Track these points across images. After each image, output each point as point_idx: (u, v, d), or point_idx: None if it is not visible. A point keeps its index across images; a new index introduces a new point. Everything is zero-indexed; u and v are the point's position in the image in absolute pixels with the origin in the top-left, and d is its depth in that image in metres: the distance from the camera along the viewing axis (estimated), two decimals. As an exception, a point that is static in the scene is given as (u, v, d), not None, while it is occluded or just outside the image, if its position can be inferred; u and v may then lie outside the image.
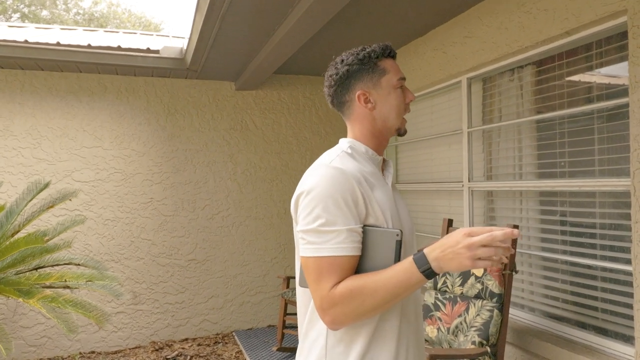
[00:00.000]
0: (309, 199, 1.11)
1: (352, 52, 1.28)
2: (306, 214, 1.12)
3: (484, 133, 3.37)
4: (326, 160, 1.18)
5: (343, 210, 1.09)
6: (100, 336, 4.37)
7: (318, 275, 1.09)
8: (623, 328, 2.40)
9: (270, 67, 4.04)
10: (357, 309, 1.06)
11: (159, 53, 4.15)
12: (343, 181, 1.11)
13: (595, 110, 2.54)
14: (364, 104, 1.25)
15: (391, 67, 1.27)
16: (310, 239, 1.11)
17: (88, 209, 4.37)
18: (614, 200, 2.46)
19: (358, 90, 1.25)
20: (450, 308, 2.70)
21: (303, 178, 1.18)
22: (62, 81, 4.32)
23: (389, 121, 1.27)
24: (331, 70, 1.29)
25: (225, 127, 4.82)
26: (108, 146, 4.45)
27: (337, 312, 1.06)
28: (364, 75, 1.25)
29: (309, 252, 1.11)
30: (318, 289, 1.08)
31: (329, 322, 1.08)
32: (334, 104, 1.31)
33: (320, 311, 1.09)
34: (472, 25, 3.26)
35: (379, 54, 1.26)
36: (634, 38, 2.18)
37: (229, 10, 2.93)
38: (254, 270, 4.90)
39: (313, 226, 1.10)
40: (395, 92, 1.26)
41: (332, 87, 1.29)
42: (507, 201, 3.19)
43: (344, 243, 1.08)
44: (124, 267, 4.46)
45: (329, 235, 1.08)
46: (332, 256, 1.08)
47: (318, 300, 1.08)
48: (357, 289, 1.06)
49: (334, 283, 1.07)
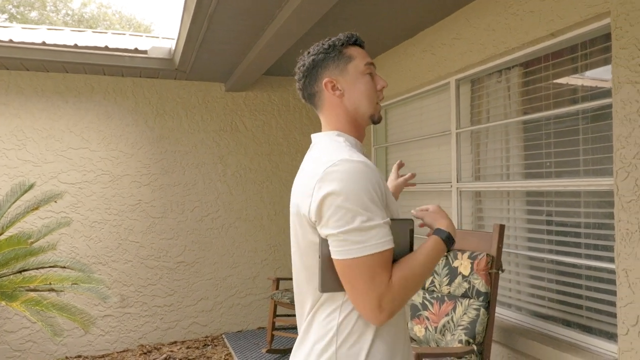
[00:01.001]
0: (342, 198, 1.06)
1: (318, 43, 1.28)
2: (342, 214, 1.06)
3: (472, 134, 3.39)
4: (343, 155, 1.12)
5: (377, 204, 1.08)
6: (87, 340, 4.32)
7: (371, 274, 1.06)
8: (607, 325, 2.42)
9: (260, 68, 4.03)
10: (411, 294, 1.11)
11: (147, 53, 4.13)
12: (371, 175, 1.10)
13: (580, 111, 2.57)
14: (332, 91, 1.24)
15: (358, 53, 1.27)
16: (353, 239, 1.06)
17: (74, 211, 4.33)
18: (598, 200, 2.49)
19: (325, 78, 1.25)
20: (437, 307, 2.70)
21: (322, 177, 1.09)
22: (48, 81, 4.28)
23: (361, 108, 1.26)
24: (299, 63, 1.29)
25: (214, 129, 4.81)
26: (95, 147, 4.41)
27: (397, 303, 1.07)
28: (329, 63, 1.24)
29: (354, 253, 1.06)
30: (373, 288, 1.06)
31: (386, 317, 1.07)
32: (305, 97, 1.31)
33: (376, 310, 1.06)
34: (460, 26, 3.28)
35: (343, 41, 1.26)
36: (617, 39, 2.21)
37: (216, 10, 2.93)
38: (243, 272, 4.88)
39: (354, 225, 1.05)
40: (363, 77, 1.25)
41: (301, 79, 1.28)
42: (495, 201, 3.21)
43: (387, 236, 1.08)
44: (112, 269, 4.42)
45: (373, 232, 1.06)
46: (381, 252, 1.06)
47: (375, 298, 1.06)
48: (410, 276, 1.09)
49: (389, 277, 1.07)
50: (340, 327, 1.12)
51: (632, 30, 2.14)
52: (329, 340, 1.13)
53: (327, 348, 1.12)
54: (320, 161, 1.14)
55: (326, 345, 1.13)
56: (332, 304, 1.14)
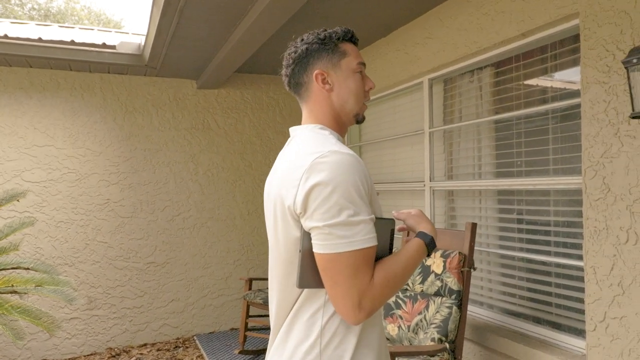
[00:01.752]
0: (330, 190, 1.02)
1: (312, 32, 1.24)
2: (329, 206, 1.02)
3: (445, 133, 3.41)
4: (332, 147, 1.09)
5: (364, 199, 1.06)
6: (53, 343, 4.18)
7: (354, 271, 1.02)
8: (575, 322, 2.47)
9: (232, 65, 3.97)
10: (391, 295, 1.08)
11: (116, 48, 4.02)
12: (359, 168, 1.07)
13: (550, 110, 2.61)
14: (322, 84, 1.21)
15: (352, 50, 1.24)
16: (339, 233, 1.02)
17: (39, 210, 4.18)
18: (567, 198, 2.53)
19: (316, 69, 1.21)
20: (410, 306, 2.71)
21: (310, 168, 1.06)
22: (11, 76, 4.11)
23: (348, 105, 1.23)
24: (290, 49, 1.25)
25: (186, 127, 4.71)
26: (61, 145, 4.27)
27: (376, 302, 1.05)
28: (323, 54, 1.21)
29: (339, 248, 1.02)
30: (355, 284, 1.03)
31: (364, 316, 1.04)
32: (290, 84, 1.26)
33: (355, 308, 1.03)
34: (432, 26, 3.30)
35: (340, 35, 1.23)
36: (586, 40, 2.25)
37: (187, 4, 2.86)
38: (216, 272, 4.80)
39: (340, 219, 1.02)
40: (354, 76, 1.23)
41: (290, 66, 1.24)
42: (467, 200, 3.24)
43: (371, 233, 1.05)
44: (79, 271, 4.29)
45: (359, 227, 1.03)
46: (366, 248, 1.04)
47: (355, 296, 1.03)
48: (392, 276, 1.07)
49: (371, 275, 1.05)
50: (325, 328, 1.10)
51: (600, 31, 2.18)
52: (313, 342, 1.10)
53: (311, 350, 1.10)
54: (306, 152, 1.10)
55: (310, 347, 1.10)
56: (315, 303, 1.11)
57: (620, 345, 2.12)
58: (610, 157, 2.15)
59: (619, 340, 2.12)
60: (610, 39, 2.14)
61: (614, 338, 2.14)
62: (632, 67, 1.80)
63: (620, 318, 2.11)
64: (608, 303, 2.17)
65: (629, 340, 2.08)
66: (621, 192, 2.10)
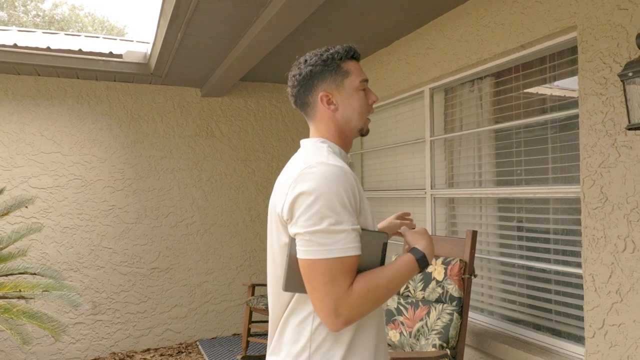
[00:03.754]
0: (312, 199, 1.07)
1: (315, 53, 1.28)
2: (311, 214, 1.07)
3: (445, 142, 3.47)
4: (319, 158, 1.14)
5: (348, 209, 1.09)
6: (57, 348, 4.22)
7: (331, 277, 1.06)
8: (574, 329, 2.50)
9: (236, 74, 4.03)
10: (372, 306, 1.09)
11: (122, 57, 4.08)
12: (345, 179, 1.10)
13: (549, 120, 2.66)
14: (327, 106, 1.26)
15: (354, 68, 1.28)
16: (319, 240, 1.06)
17: (45, 216, 4.23)
18: (566, 207, 2.57)
19: (321, 91, 1.25)
20: (412, 312, 2.75)
21: (295, 179, 1.12)
22: (19, 84, 4.18)
23: (352, 122, 1.28)
24: (294, 71, 1.29)
25: (190, 134, 4.77)
26: (67, 152, 4.33)
27: (354, 311, 1.07)
28: (327, 76, 1.25)
29: (317, 254, 1.06)
30: (332, 291, 1.06)
31: (342, 323, 1.07)
32: (297, 104, 1.32)
33: (332, 314, 1.06)
34: (433, 37, 3.36)
35: (342, 55, 1.26)
36: (583, 52, 2.31)
37: (193, 17, 2.93)
38: (218, 278, 4.84)
39: (321, 227, 1.06)
40: (357, 93, 1.27)
41: (295, 87, 1.29)
42: (468, 208, 3.28)
43: (353, 242, 1.08)
44: (83, 276, 4.33)
45: (339, 236, 1.07)
46: (345, 257, 1.07)
47: (332, 302, 1.06)
48: (373, 287, 1.08)
49: (349, 284, 1.07)
50: (315, 333, 1.13)
51: (597, 44, 2.23)
52: (302, 346, 1.13)
53: (301, 354, 1.13)
54: (298, 163, 1.16)
55: (300, 351, 1.13)
56: (305, 308, 1.15)
57: (618, 352, 2.15)
58: (608, 166, 2.19)
59: (617, 347, 2.16)
60: (607, 51, 2.19)
61: (612, 345, 2.18)
62: (628, 80, 1.86)
63: (619, 325, 2.15)
64: (606, 310, 2.21)
65: (627, 347, 2.12)
66: (618, 201, 2.15)
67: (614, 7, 2.16)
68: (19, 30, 5.27)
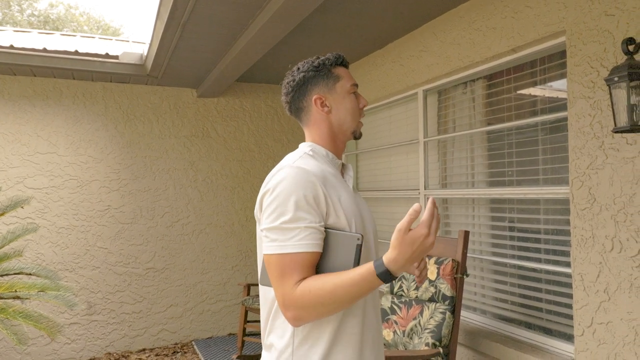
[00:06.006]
0: (272, 197, 1.15)
1: (307, 61, 1.35)
2: (270, 212, 1.15)
3: (439, 143, 3.51)
4: (289, 161, 1.22)
5: (305, 208, 1.13)
6: (52, 348, 4.23)
7: (281, 272, 1.11)
8: (564, 327, 2.55)
9: (232, 75, 4.06)
10: (317, 307, 1.09)
11: (118, 59, 4.10)
12: (306, 179, 1.16)
13: (540, 122, 2.71)
14: (321, 108, 1.32)
15: (344, 74, 1.35)
16: (273, 237, 1.14)
17: (41, 216, 4.24)
18: (556, 207, 2.62)
19: (314, 95, 1.32)
20: (405, 311, 2.79)
21: (267, 179, 1.22)
22: (15, 85, 4.20)
23: (345, 124, 1.34)
24: (288, 78, 1.36)
25: (186, 134, 4.80)
26: (63, 152, 4.34)
27: (298, 309, 1.10)
28: (319, 81, 1.32)
29: (272, 250, 1.13)
30: (281, 286, 1.11)
31: (291, 318, 1.11)
32: (291, 110, 1.37)
33: (282, 307, 1.12)
34: (427, 39, 3.40)
35: (332, 61, 1.34)
36: (572, 56, 2.35)
37: (190, 19, 2.95)
38: (214, 278, 4.87)
39: (276, 224, 1.13)
40: (349, 96, 1.34)
41: (289, 93, 1.35)
42: (461, 208, 3.33)
43: (306, 240, 1.12)
44: (79, 276, 4.35)
45: (292, 233, 1.12)
46: (295, 253, 1.11)
47: (280, 297, 1.12)
48: (316, 289, 1.08)
49: (297, 280, 1.11)
50: (298, 329, 1.17)
51: (585, 48, 2.28)
52: (287, 341, 1.18)
53: (285, 349, 1.17)
54: (275, 166, 1.26)
55: (284, 347, 1.18)
56: None
57: (606, 350, 2.20)
58: (596, 168, 2.24)
59: (606, 344, 2.21)
60: (594, 56, 2.24)
61: (600, 343, 2.23)
62: (614, 84, 1.90)
63: (607, 323, 2.20)
64: (595, 309, 2.25)
65: (614, 344, 2.17)
66: (606, 202, 2.20)
67: (601, 13, 2.21)
68: (15, 30, 5.27)
